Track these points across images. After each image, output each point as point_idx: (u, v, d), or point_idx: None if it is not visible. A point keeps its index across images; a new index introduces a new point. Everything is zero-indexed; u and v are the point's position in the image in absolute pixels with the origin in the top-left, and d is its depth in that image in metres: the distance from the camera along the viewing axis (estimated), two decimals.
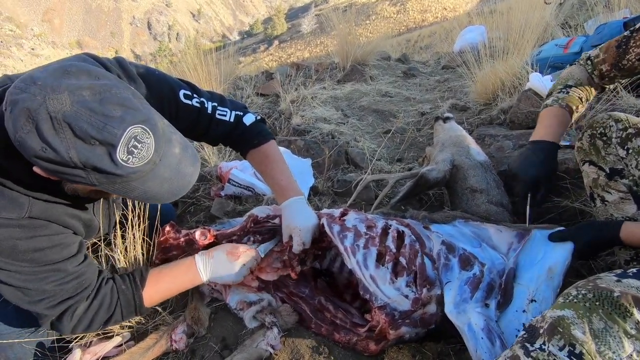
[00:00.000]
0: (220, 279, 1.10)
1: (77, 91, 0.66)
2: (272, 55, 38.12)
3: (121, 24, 67.21)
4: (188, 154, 0.78)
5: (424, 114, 2.59)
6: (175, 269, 1.09)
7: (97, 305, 0.96)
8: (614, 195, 1.08)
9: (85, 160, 0.66)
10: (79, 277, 0.91)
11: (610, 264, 1.17)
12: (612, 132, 1.05)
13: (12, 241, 0.80)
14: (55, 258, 0.87)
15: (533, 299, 0.98)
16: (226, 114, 1.16)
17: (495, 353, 0.89)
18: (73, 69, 0.69)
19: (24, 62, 47.91)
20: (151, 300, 1.05)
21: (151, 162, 0.71)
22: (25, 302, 0.87)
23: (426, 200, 1.72)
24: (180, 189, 0.79)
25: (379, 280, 1.04)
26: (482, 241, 1.15)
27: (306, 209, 1.16)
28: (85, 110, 0.65)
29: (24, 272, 0.83)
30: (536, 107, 1.87)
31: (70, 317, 0.92)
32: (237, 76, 3.66)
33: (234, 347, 1.08)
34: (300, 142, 2.09)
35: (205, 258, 1.10)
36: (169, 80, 1.08)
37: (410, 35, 13.64)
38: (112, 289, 0.99)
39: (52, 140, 0.65)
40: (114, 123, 0.66)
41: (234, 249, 1.12)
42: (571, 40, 2.43)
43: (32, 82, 0.65)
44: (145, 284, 1.03)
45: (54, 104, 0.64)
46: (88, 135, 0.65)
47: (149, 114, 0.72)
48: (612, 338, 0.63)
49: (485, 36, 3.87)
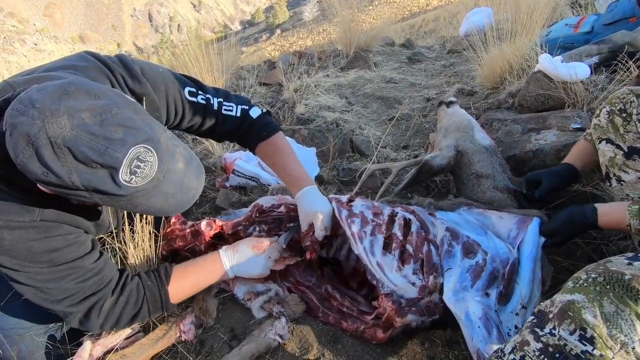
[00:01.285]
0: (246, 272, 1.11)
1: (76, 114, 0.64)
2: (274, 44, 37.75)
3: (122, 17, 66.87)
4: (192, 167, 0.78)
5: (430, 100, 2.55)
6: (200, 264, 1.10)
7: (123, 302, 0.96)
8: (631, 175, 1.04)
9: (87, 184, 0.66)
10: (98, 273, 0.92)
11: (623, 248, 1.14)
12: (633, 107, 1.01)
13: (27, 243, 0.81)
14: (72, 256, 0.87)
15: (524, 306, 0.97)
16: (232, 109, 1.15)
17: (492, 342, 0.88)
18: (72, 88, 0.67)
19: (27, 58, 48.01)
20: (177, 296, 1.05)
21: (154, 179, 0.70)
22: (48, 302, 0.87)
23: (433, 187, 1.69)
24: (185, 203, 0.79)
25: (386, 268, 1.03)
26: (487, 229, 1.13)
27: (322, 197, 1.16)
28: (86, 134, 0.64)
29: (43, 273, 0.84)
30: (546, 89, 1.82)
31: (97, 313, 0.93)
32: (240, 66, 3.62)
33: (243, 337, 1.09)
34: (305, 131, 2.07)
35: (230, 253, 1.11)
36: (173, 77, 1.06)
37: (414, 20, 13.39)
38: (138, 285, 1.00)
39: (53, 165, 0.64)
40: (115, 146, 0.65)
41: (259, 242, 1.12)
42: (582, 19, 2.36)
43: (30, 105, 0.64)
44: (171, 279, 1.03)
45: (53, 128, 0.63)
46: (89, 159, 0.64)
47: (151, 131, 0.70)
48: (624, 321, 0.61)
49: (492, 18, 3.76)
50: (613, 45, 1.94)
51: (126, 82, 0.95)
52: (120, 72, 0.94)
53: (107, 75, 0.92)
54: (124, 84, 0.94)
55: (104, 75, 0.92)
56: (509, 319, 0.96)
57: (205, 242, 1.22)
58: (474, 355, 0.90)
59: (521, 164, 1.55)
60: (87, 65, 0.91)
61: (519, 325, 0.95)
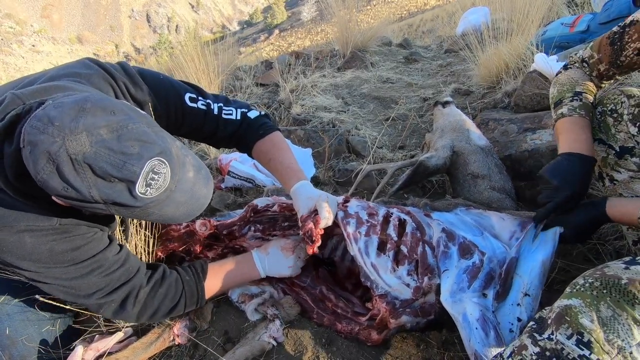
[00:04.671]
0: (277, 273, 1.15)
1: (94, 130, 0.67)
2: (272, 44, 37.71)
3: (120, 17, 66.74)
4: (201, 175, 0.80)
5: (426, 100, 2.54)
6: (233, 263, 1.14)
7: (163, 294, 1.00)
8: (623, 174, 1.05)
9: (106, 197, 0.69)
10: (124, 264, 0.95)
11: (619, 248, 1.14)
12: (624, 108, 1.01)
13: (48, 244, 0.83)
14: (93, 252, 0.90)
15: (527, 293, 0.97)
16: (232, 113, 1.16)
17: (489, 344, 0.88)
18: (88, 105, 0.69)
19: (25, 60, 47.90)
20: (210, 293, 1.09)
21: (168, 190, 0.73)
22: (79, 298, 0.90)
23: (429, 187, 1.69)
24: (195, 211, 0.81)
25: (380, 269, 1.03)
26: (483, 230, 1.12)
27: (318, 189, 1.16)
28: (105, 150, 0.66)
29: (69, 272, 0.87)
30: (541, 89, 1.81)
31: (133, 302, 0.95)
32: (237, 66, 3.61)
33: (237, 340, 1.08)
34: (301, 131, 2.06)
35: (261, 255, 1.15)
36: (174, 84, 1.08)
37: (412, 20, 13.39)
38: (177, 279, 1.03)
39: (74, 181, 0.66)
40: (132, 160, 0.68)
41: (288, 243, 1.17)
42: (578, 18, 2.35)
43: (49, 122, 0.66)
44: (207, 276, 1.07)
45: (73, 146, 0.65)
46: (108, 174, 0.67)
47: (164, 143, 0.73)
48: (621, 326, 0.61)
49: (489, 17, 3.76)
50: None
51: (128, 90, 0.96)
52: (122, 80, 0.95)
53: (109, 83, 0.93)
54: (127, 92, 0.96)
55: (107, 83, 0.93)
56: (510, 312, 0.96)
57: (200, 243, 1.22)
58: (471, 357, 0.90)
59: (517, 163, 1.55)
60: (91, 73, 0.92)
61: (522, 317, 0.94)
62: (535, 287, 0.97)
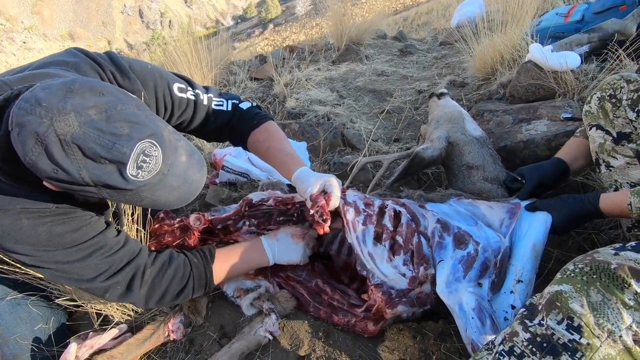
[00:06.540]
0: (287, 260, 1.15)
1: (83, 111, 0.66)
2: (267, 39, 37.41)
3: (112, 13, 65.90)
4: (194, 160, 0.79)
5: (421, 92, 2.53)
6: (242, 249, 1.13)
7: (171, 275, 0.99)
8: (619, 161, 1.06)
9: (97, 179, 0.68)
10: (125, 245, 0.94)
11: (614, 237, 1.15)
12: (623, 93, 1.01)
13: (46, 226, 0.82)
14: (93, 233, 0.89)
15: (520, 280, 0.97)
16: (223, 104, 1.14)
17: (485, 333, 0.89)
18: (76, 85, 0.68)
19: (16, 57, 47.26)
20: (218, 278, 1.08)
21: (160, 173, 0.72)
22: (82, 282, 0.89)
23: (424, 180, 1.68)
24: (188, 196, 0.80)
25: (377, 258, 1.03)
26: (477, 219, 1.12)
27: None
28: (93, 131, 0.65)
29: (69, 254, 0.85)
30: (536, 79, 1.81)
31: (139, 283, 0.94)
32: (231, 61, 3.57)
33: (233, 335, 1.07)
34: (295, 125, 2.05)
35: (271, 241, 1.14)
36: (162, 74, 1.06)
37: (407, 13, 13.32)
38: (185, 262, 1.03)
39: (63, 162, 0.65)
40: (122, 141, 0.67)
41: (297, 231, 1.17)
42: (572, 8, 2.34)
43: (37, 103, 0.65)
44: (215, 259, 1.06)
45: (61, 126, 0.64)
46: (97, 155, 0.66)
47: (155, 126, 0.72)
48: (611, 310, 0.61)
49: (484, 9, 3.75)
50: (603, 34, 1.93)
51: (116, 79, 0.95)
52: (109, 69, 0.94)
53: (97, 71, 0.92)
54: (114, 81, 0.95)
55: (94, 71, 0.92)
56: (504, 300, 0.96)
57: (194, 237, 1.21)
58: (468, 346, 0.90)
59: (512, 154, 1.55)
60: (78, 61, 0.91)
61: (516, 304, 0.95)
62: (527, 271, 0.98)
